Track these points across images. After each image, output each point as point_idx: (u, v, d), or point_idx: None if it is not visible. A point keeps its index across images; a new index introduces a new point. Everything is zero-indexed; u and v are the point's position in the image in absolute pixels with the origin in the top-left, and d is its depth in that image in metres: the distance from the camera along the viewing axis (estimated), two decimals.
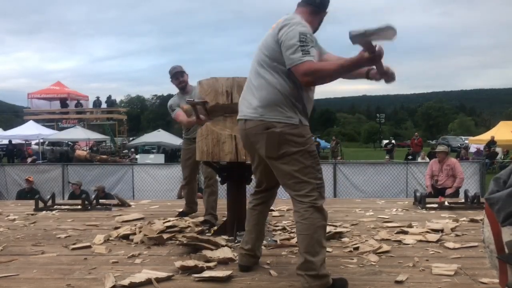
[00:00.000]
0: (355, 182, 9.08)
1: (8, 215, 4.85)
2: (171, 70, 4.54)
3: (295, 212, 2.33)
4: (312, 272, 2.23)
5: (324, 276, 2.25)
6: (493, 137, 21.44)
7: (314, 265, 2.22)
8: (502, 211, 1.60)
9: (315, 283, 2.23)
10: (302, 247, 2.27)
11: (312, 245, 2.24)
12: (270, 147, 2.30)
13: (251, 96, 2.39)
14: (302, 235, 2.27)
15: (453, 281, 2.44)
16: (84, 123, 27.73)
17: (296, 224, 2.32)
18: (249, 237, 2.66)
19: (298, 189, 2.30)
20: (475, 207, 4.83)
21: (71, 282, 2.49)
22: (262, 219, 2.71)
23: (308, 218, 2.25)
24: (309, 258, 2.23)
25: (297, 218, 2.31)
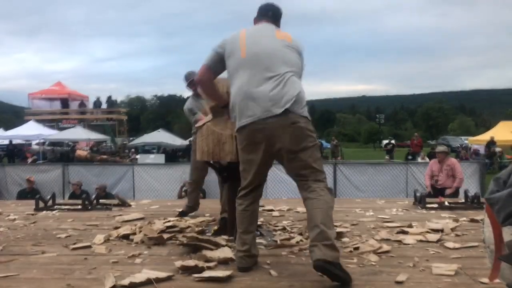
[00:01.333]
0: (355, 182, 9.07)
1: (8, 215, 4.85)
2: (187, 77, 4.65)
3: (311, 191, 2.47)
4: (328, 242, 2.33)
5: (338, 250, 2.38)
6: (492, 137, 21.44)
7: (330, 236, 2.35)
8: (502, 211, 1.60)
9: (330, 253, 2.31)
10: (318, 219, 2.38)
11: (329, 219, 2.41)
12: (294, 140, 2.47)
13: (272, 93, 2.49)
14: (318, 209, 2.42)
15: (453, 281, 2.44)
16: (84, 123, 27.75)
17: (311, 200, 2.45)
18: (244, 238, 2.67)
19: (314, 176, 2.51)
20: (475, 207, 4.83)
21: (71, 282, 2.48)
22: (255, 218, 2.77)
23: (324, 196, 2.46)
24: (324, 229, 2.35)
25: (313, 195, 2.46)
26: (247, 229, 2.68)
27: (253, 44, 2.63)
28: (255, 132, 2.54)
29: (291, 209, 5.01)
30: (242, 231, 2.69)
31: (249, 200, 2.70)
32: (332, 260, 2.31)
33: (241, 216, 2.70)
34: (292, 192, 7.80)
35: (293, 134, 2.47)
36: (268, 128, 2.50)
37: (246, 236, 2.68)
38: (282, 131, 2.47)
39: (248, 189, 2.70)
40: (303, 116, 2.50)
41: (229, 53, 2.70)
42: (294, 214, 4.77)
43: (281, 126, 2.47)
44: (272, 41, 2.64)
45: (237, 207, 2.75)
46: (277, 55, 2.58)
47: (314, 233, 2.37)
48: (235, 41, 2.70)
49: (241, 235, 2.69)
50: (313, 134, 2.54)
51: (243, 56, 2.62)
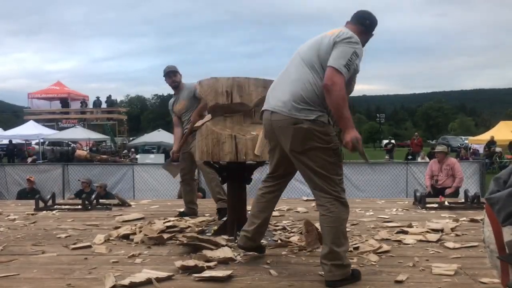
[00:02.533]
0: (355, 182, 9.06)
1: (8, 215, 4.85)
2: (165, 69, 4.70)
3: (320, 206, 2.44)
4: (337, 262, 2.36)
5: (347, 266, 2.40)
6: (492, 137, 21.44)
7: (340, 256, 2.36)
8: (503, 211, 1.60)
9: (338, 272, 2.35)
10: (329, 238, 2.37)
11: (338, 236, 2.38)
12: (295, 141, 2.40)
13: (283, 90, 2.48)
14: (328, 227, 2.39)
15: (453, 281, 2.44)
16: (84, 123, 27.73)
17: (321, 217, 2.42)
18: (251, 221, 2.77)
19: (321, 184, 2.41)
20: (475, 207, 4.83)
21: (71, 282, 2.49)
22: (269, 208, 2.78)
23: (334, 211, 2.39)
24: (335, 249, 2.35)
25: (322, 211, 2.42)
26: (257, 213, 2.75)
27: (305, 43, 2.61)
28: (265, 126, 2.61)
29: (291, 209, 5.01)
30: (252, 213, 2.78)
31: (269, 189, 2.74)
32: (341, 278, 2.37)
33: (256, 199, 2.78)
34: (292, 192, 7.80)
35: (294, 135, 2.40)
36: (271, 124, 2.52)
37: (252, 220, 2.76)
38: (286, 131, 2.43)
39: (272, 174, 2.73)
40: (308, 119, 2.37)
41: None
42: (294, 214, 4.77)
43: (282, 125, 2.45)
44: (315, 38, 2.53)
45: (258, 190, 2.81)
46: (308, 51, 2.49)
47: (324, 252, 2.40)
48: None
49: (250, 217, 2.79)
50: (323, 137, 2.38)
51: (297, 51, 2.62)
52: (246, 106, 3.33)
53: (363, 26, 2.59)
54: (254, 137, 3.26)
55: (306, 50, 2.52)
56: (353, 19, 2.63)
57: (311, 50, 2.48)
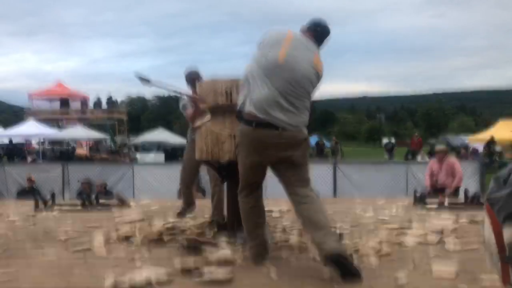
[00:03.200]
0: (355, 181, 9.05)
1: (8, 215, 4.84)
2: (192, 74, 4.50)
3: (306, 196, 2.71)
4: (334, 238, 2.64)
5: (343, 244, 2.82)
6: (492, 137, 21.43)
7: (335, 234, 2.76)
8: (503, 211, 1.60)
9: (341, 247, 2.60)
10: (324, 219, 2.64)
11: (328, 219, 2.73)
12: (304, 153, 2.79)
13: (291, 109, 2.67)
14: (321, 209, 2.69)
15: (453, 283, 2.43)
16: (84, 123, 27.72)
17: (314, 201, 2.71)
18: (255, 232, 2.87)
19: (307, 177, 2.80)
20: (475, 207, 4.82)
21: (71, 282, 2.48)
22: (264, 211, 2.97)
23: (318, 199, 2.74)
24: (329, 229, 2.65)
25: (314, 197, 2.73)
26: (257, 222, 2.89)
27: (293, 58, 2.68)
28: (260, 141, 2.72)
29: (291, 209, 4.99)
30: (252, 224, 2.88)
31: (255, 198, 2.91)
32: (342, 252, 2.51)
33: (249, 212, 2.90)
34: None
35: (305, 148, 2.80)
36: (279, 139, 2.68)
37: (257, 230, 2.87)
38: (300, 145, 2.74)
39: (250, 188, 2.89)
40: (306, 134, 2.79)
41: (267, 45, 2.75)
42: (294, 214, 4.75)
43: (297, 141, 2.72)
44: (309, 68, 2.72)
45: (243, 205, 2.90)
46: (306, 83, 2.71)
47: (320, 233, 2.56)
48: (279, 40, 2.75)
49: (253, 229, 2.88)
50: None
51: (281, 62, 2.66)
52: None
53: (315, 32, 2.88)
54: None
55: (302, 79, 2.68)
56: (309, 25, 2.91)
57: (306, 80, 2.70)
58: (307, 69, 2.70)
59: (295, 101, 2.67)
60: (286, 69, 2.65)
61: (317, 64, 2.77)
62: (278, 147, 2.68)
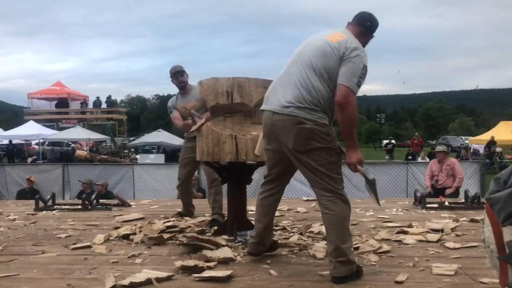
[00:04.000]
0: (355, 182, 9.04)
1: (8, 215, 4.85)
2: (171, 70, 4.52)
3: (322, 204, 2.49)
4: (342, 259, 2.40)
5: (352, 262, 2.45)
6: (493, 137, 21.43)
7: (344, 252, 2.41)
8: (503, 211, 1.60)
9: (343, 269, 2.40)
10: (333, 235, 2.43)
11: (342, 233, 2.44)
12: (298, 141, 2.45)
13: (287, 92, 2.51)
14: (331, 225, 2.44)
15: (453, 281, 2.44)
16: (84, 123, 27.70)
17: (324, 215, 2.47)
18: (256, 226, 2.82)
19: (323, 183, 2.47)
20: (475, 207, 4.83)
21: (71, 282, 2.49)
22: (271, 211, 2.84)
23: (336, 209, 2.44)
24: (339, 245, 2.41)
25: (324, 209, 2.47)
26: (261, 218, 2.80)
27: (306, 43, 2.63)
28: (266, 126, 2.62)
29: (291, 209, 5.01)
30: (256, 218, 2.83)
31: (269, 192, 2.77)
32: (346, 274, 2.41)
33: (258, 204, 2.82)
34: (292, 192, 7.80)
35: (297, 135, 2.44)
36: (273, 124, 2.54)
37: (258, 225, 2.81)
38: (289, 131, 2.46)
39: (269, 176, 2.77)
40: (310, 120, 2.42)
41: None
42: (294, 214, 4.77)
43: (285, 125, 2.47)
44: (322, 41, 2.52)
45: (257, 195, 2.86)
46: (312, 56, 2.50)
47: (329, 249, 2.46)
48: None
49: (255, 223, 2.85)
50: (325, 137, 2.44)
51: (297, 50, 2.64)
52: (246, 106, 3.33)
53: (364, 27, 2.63)
54: (255, 137, 3.26)
55: (310, 55, 2.52)
56: (354, 20, 2.67)
57: (316, 57, 2.48)
58: (320, 42, 2.52)
59: (293, 81, 2.50)
60: (293, 56, 2.62)
61: (334, 36, 2.52)
62: (273, 132, 2.54)
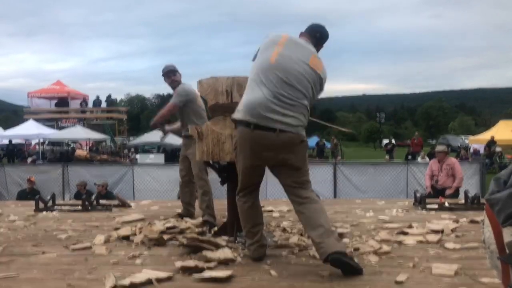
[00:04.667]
0: (355, 182, 9.06)
1: (8, 215, 4.84)
2: (164, 69, 4.55)
3: (306, 197, 2.71)
4: (334, 236, 2.60)
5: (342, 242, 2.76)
6: (493, 137, 21.43)
7: (334, 233, 2.65)
8: (503, 212, 1.60)
9: (340, 245, 2.58)
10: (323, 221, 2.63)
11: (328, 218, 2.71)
12: (302, 156, 2.76)
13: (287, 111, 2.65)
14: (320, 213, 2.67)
15: (453, 282, 2.44)
16: (84, 122, 27.67)
17: (315, 205, 2.69)
18: (255, 230, 2.90)
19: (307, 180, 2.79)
20: (475, 207, 4.82)
21: (71, 282, 2.49)
22: (260, 213, 3.00)
23: (318, 200, 2.77)
24: (329, 227, 2.63)
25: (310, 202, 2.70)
26: (257, 221, 2.93)
27: (286, 58, 2.69)
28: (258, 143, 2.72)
29: (291, 210, 4.98)
30: (252, 224, 2.91)
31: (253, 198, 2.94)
32: (342, 250, 2.53)
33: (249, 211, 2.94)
34: None
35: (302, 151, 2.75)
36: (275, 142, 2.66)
37: (257, 228, 2.91)
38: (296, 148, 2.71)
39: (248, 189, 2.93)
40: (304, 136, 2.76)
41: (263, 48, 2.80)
42: (294, 214, 4.74)
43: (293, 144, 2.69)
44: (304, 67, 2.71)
45: (242, 205, 2.93)
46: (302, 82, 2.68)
47: (319, 232, 2.57)
48: (274, 41, 2.78)
49: (250, 229, 2.90)
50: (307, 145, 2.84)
51: (272, 62, 2.68)
52: None
53: (314, 38, 2.92)
54: None
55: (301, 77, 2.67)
56: (307, 30, 2.96)
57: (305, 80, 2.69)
58: (303, 67, 2.69)
59: (290, 101, 2.64)
60: (279, 69, 2.66)
61: (316, 64, 2.75)
62: (276, 149, 2.67)
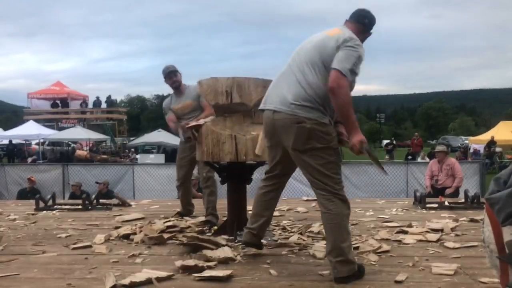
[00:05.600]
0: (355, 182, 9.06)
1: (8, 214, 4.85)
2: (164, 70, 4.48)
3: (321, 204, 2.48)
4: (342, 258, 2.39)
5: (352, 261, 2.43)
6: (493, 137, 21.43)
7: (343, 251, 2.39)
8: (503, 211, 1.60)
9: (344, 268, 2.39)
10: (331, 235, 2.43)
11: (340, 232, 2.42)
12: (297, 140, 2.43)
13: (286, 90, 2.50)
14: (330, 224, 2.44)
15: (452, 281, 2.44)
16: (84, 123, 27.67)
17: (323, 215, 2.46)
18: (255, 219, 2.80)
19: (322, 182, 2.45)
20: (475, 207, 4.83)
21: (71, 282, 2.49)
22: (272, 206, 2.84)
23: (333, 208, 2.42)
24: (338, 245, 2.40)
25: (323, 209, 2.46)
26: (261, 212, 2.79)
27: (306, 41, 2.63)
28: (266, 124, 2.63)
29: (291, 209, 5.01)
30: (255, 212, 2.80)
31: (271, 187, 2.78)
32: (348, 274, 2.40)
33: (259, 198, 2.80)
34: (292, 192, 7.80)
35: (297, 134, 2.43)
36: (273, 123, 2.54)
37: (257, 217, 2.79)
38: (289, 130, 2.45)
39: (271, 172, 2.76)
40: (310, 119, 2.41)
41: None
42: (294, 213, 4.77)
43: (285, 124, 2.47)
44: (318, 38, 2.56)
45: (258, 189, 2.83)
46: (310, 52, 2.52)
47: (328, 249, 2.46)
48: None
49: (254, 216, 2.81)
50: (325, 136, 2.43)
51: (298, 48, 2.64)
52: (246, 106, 3.33)
53: (362, 24, 2.64)
54: (254, 137, 3.26)
55: (308, 51, 2.53)
56: (352, 17, 2.67)
57: (314, 51, 2.50)
58: (318, 38, 2.55)
59: (297, 76, 2.48)
60: (299, 48, 2.62)
61: (332, 31, 2.54)
62: (274, 131, 2.55)
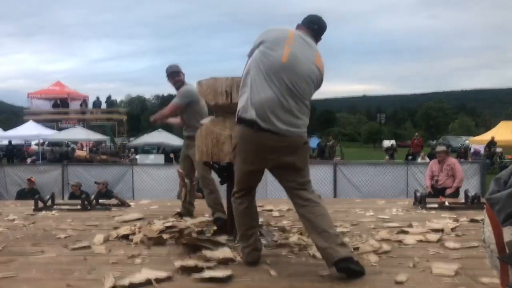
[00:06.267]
0: (355, 182, 9.06)
1: (7, 215, 4.84)
2: (167, 69, 4.50)
3: (307, 199, 2.65)
4: (340, 241, 2.53)
5: (347, 245, 2.62)
6: (493, 138, 21.43)
7: (339, 237, 2.57)
8: (503, 211, 1.60)
9: (345, 251, 2.51)
10: (326, 224, 2.57)
11: (331, 221, 2.65)
12: (304, 157, 2.73)
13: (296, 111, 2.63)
14: (322, 215, 2.61)
15: (453, 281, 2.43)
16: (84, 123, 27.65)
17: (314, 208, 2.62)
18: (250, 233, 2.83)
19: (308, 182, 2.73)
20: (475, 207, 4.82)
21: (70, 282, 2.48)
22: (256, 215, 2.94)
23: (321, 201, 2.67)
24: (333, 232, 2.57)
25: (312, 204, 2.64)
26: (252, 224, 2.86)
27: (296, 58, 2.62)
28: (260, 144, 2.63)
29: (291, 209, 4.99)
30: (246, 227, 2.83)
31: (248, 200, 2.85)
32: (349, 256, 2.50)
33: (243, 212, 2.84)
34: None
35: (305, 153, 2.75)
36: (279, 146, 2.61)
37: (252, 231, 2.84)
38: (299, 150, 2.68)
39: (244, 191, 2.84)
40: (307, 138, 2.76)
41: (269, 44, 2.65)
42: (294, 214, 4.72)
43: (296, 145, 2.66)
44: (311, 67, 2.68)
45: (237, 206, 2.85)
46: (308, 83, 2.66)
47: (323, 237, 2.53)
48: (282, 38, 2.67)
49: (245, 231, 2.83)
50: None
51: (284, 62, 2.60)
52: None
53: (311, 30, 2.84)
54: None
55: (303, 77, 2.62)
56: (304, 23, 2.87)
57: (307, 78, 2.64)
58: (309, 67, 2.66)
59: (297, 102, 2.61)
60: (290, 70, 2.59)
61: (320, 63, 2.73)
62: (279, 152, 2.61)
